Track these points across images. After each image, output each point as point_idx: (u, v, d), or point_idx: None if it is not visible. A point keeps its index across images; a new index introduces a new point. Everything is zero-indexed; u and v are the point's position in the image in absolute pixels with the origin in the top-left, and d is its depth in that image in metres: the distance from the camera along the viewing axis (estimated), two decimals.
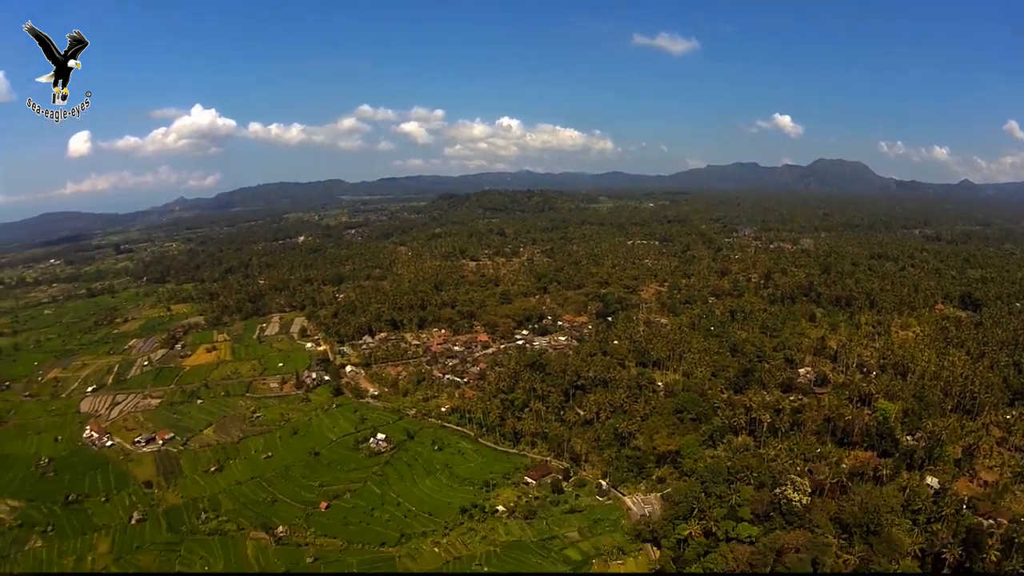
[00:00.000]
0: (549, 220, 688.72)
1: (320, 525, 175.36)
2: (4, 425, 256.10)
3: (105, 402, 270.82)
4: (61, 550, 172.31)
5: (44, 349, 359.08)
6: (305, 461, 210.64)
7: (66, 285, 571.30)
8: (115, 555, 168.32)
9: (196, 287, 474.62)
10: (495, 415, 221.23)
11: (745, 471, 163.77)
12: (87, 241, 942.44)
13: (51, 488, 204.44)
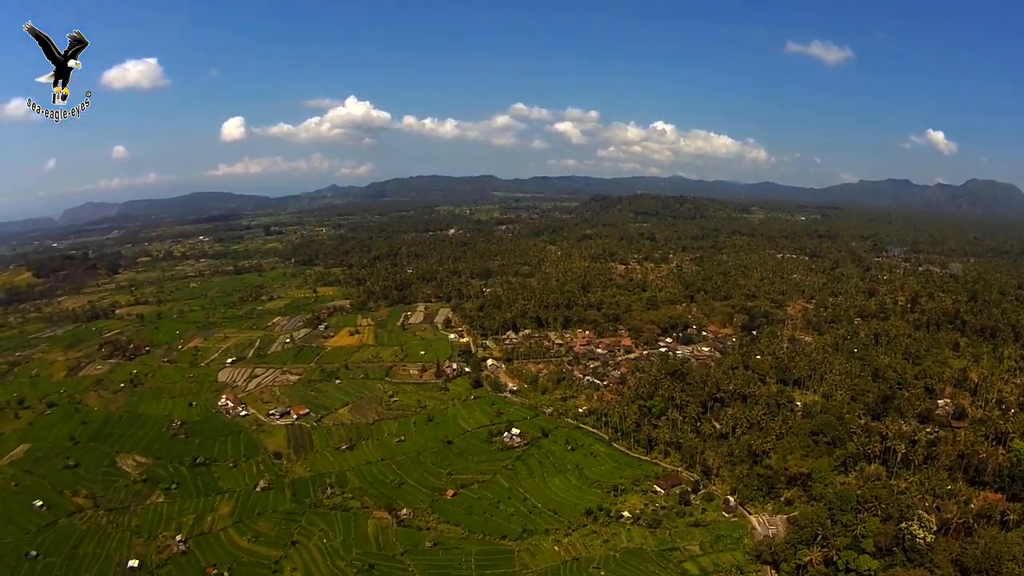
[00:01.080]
0: (700, 228, 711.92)
1: (444, 512, 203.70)
2: (141, 387, 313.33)
3: (243, 374, 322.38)
4: (182, 507, 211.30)
5: (187, 320, 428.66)
6: (437, 448, 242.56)
7: (213, 261, 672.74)
8: (235, 518, 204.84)
9: (344, 272, 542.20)
10: (631, 420, 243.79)
11: (873, 501, 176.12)
12: (237, 221, 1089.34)
13: (180, 449, 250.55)
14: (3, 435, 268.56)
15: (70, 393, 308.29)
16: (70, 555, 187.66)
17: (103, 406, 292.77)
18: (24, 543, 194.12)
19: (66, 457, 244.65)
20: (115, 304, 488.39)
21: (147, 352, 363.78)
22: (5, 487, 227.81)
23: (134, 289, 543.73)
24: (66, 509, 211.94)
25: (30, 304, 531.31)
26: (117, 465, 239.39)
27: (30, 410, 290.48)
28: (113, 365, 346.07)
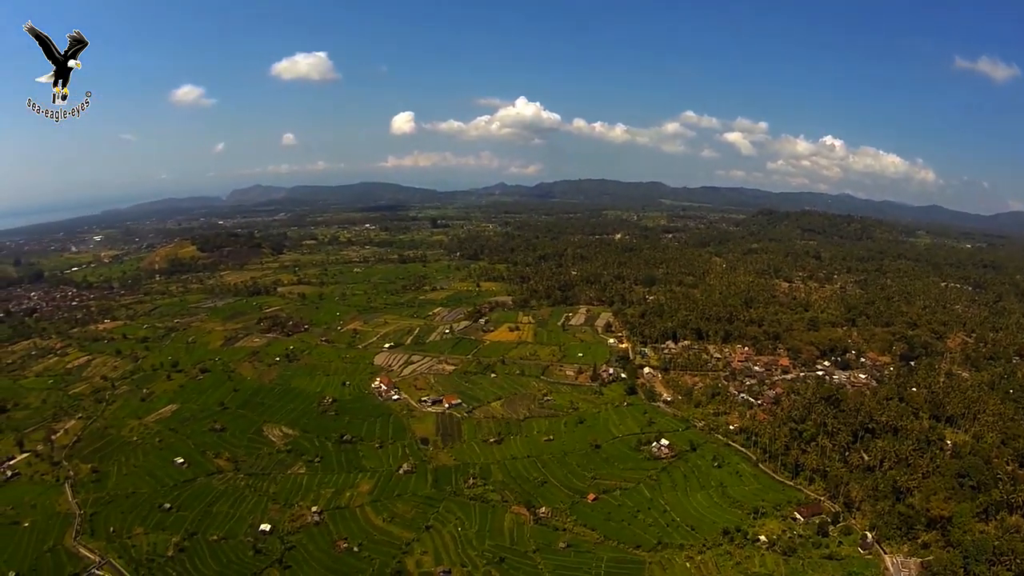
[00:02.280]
0: (865, 249, 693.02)
1: (582, 515, 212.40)
2: (296, 362, 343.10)
3: (400, 360, 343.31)
4: (322, 481, 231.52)
5: (348, 303, 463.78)
6: (584, 451, 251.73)
7: (378, 249, 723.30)
8: (374, 497, 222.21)
9: (508, 268, 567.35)
10: (781, 443, 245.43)
11: (1009, 554, 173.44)
12: (404, 212, 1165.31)
13: (328, 425, 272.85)
14: (154, 394, 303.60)
15: (224, 362, 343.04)
16: (204, 512, 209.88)
17: (256, 377, 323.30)
18: (160, 495, 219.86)
19: (213, 421, 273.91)
20: (277, 282, 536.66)
21: (305, 330, 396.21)
22: (150, 442, 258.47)
23: (297, 269, 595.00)
24: (206, 469, 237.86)
25: (192, 276, 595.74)
26: (263, 434, 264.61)
27: (183, 374, 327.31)
28: (270, 339, 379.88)
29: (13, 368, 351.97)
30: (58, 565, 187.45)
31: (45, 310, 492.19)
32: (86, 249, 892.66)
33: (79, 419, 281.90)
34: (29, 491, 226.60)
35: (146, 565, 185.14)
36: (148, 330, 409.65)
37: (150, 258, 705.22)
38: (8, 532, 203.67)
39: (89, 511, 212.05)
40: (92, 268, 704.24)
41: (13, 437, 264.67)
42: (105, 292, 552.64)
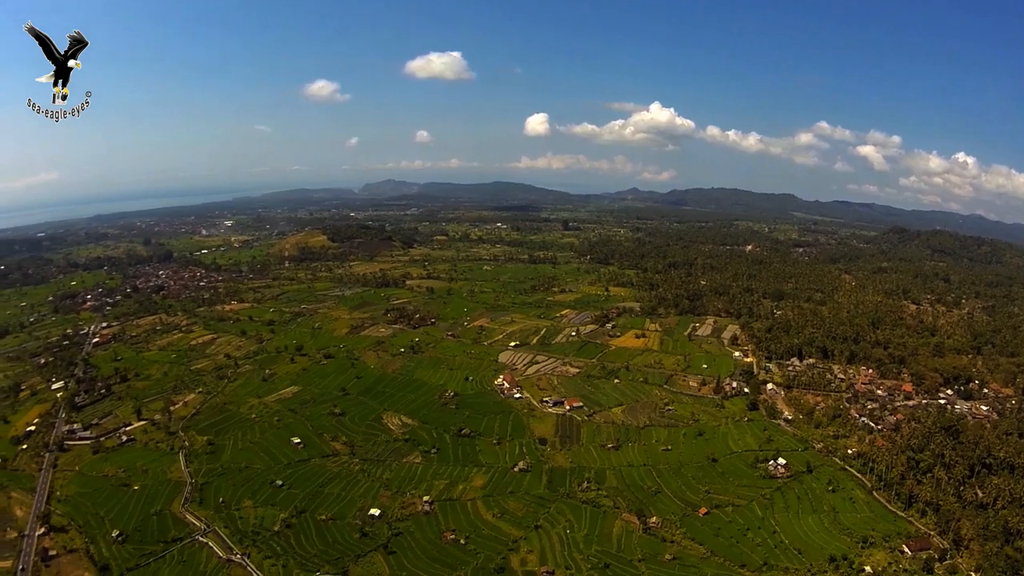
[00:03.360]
0: (995, 274, 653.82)
1: (692, 528, 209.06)
2: (420, 354, 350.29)
3: (524, 359, 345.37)
4: (436, 472, 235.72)
5: (476, 299, 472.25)
6: (700, 464, 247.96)
7: (509, 248, 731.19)
8: (486, 492, 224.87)
9: (637, 275, 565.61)
10: (897, 472, 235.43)
11: None
12: (536, 213, 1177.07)
13: (447, 418, 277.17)
14: (276, 375, 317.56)
15: (349, 349, 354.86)
16: (315, 491, 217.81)
17: (380, 366, 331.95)
18: (273, 472, 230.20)
19: (333, 405, 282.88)
20: (406, 275, 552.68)
21: (432, 324, 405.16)
22: (268, 421, 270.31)
23: (427, 264, 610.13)
24: (322, 451, 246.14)
25: (321, 264, 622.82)
26: (382, 421, 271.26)
27: (306, 357, 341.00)
28: (396, 331, 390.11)
29: (137, 341, 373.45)
30: (163, 528, 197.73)
31: (172, 288, 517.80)
32: (216, 233, 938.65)
33: (199, 393, 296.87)
34: (142, 456, 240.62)
35: (251, 537, 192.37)
36: (274, 314, 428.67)
37: (280, 245, 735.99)
38: (117, 493, 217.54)
39: (200, 481, 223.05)
40: (222, 251, 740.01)
41: (132, 405, 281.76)
42: (233, 275, 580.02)
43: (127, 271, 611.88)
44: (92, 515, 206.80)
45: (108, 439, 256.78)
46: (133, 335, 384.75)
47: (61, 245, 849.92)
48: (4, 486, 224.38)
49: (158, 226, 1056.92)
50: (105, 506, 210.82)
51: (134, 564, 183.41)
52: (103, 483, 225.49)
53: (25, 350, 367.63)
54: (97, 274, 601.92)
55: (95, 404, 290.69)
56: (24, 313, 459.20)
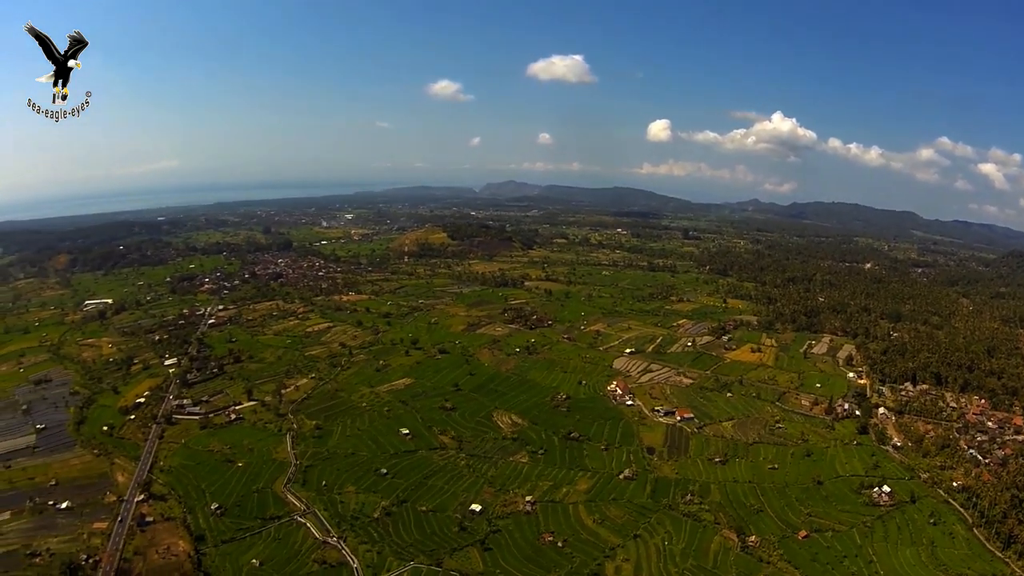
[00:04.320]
0: None
1: (790, 551, 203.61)
2: (535, 355, 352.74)
3: (638, 366, 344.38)
4: (542, 472, 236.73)
5: (594, 304, 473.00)
6: (805, 485, 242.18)
7: (628, 254, 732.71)
8: (590, 496, 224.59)
9: (756, 288, 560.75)
10: (1000, 509, 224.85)
11: None
12: (656, 220, 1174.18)
13: (557, 420, 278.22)
14: (390, 367, 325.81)
15: (464, 346, 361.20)
16: (418, 482, 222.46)
17: (494, 364, 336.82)
18: (379, 461, 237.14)
19: (444, 400, 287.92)
20: (525, 276, 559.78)
21: (548, 326, 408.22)
22: (378, 410, 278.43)
23: (546, 266, 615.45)
24: (429, 444, 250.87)
25: (440, 261, 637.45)
26: (492, 419, 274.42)
27: (421, 351, 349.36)
28: (512, 330, 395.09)
29: (253, 325, 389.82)
30: (262, 505, 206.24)
31: (291, 277, 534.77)
32: (337, 225, 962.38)
33: (311, 379, 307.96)
34: (249, 435, 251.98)
35: (349, 522, 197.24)
36: (392, 307, 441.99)
37: (400, 240, 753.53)
38: (221, 468, 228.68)
39: (305, 463, 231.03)
40: (341, 243, 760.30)
41: (243, 385, 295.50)
42: (352, 267, 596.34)
43: (246, 257, 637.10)
44: (193, 487, 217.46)
45: (217, 416, 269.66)
46: (249, 319, 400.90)
47: (180, 229, 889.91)
48: (109, 452, 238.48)
49: (278, 216, 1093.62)
50: (207, 479, 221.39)
51: (229, 537, 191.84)
52: (207, 457, 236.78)
53: (140, 326, 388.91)
54: (216, 259, 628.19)
55: (206, 382, 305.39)
56: (141, 292, 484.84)
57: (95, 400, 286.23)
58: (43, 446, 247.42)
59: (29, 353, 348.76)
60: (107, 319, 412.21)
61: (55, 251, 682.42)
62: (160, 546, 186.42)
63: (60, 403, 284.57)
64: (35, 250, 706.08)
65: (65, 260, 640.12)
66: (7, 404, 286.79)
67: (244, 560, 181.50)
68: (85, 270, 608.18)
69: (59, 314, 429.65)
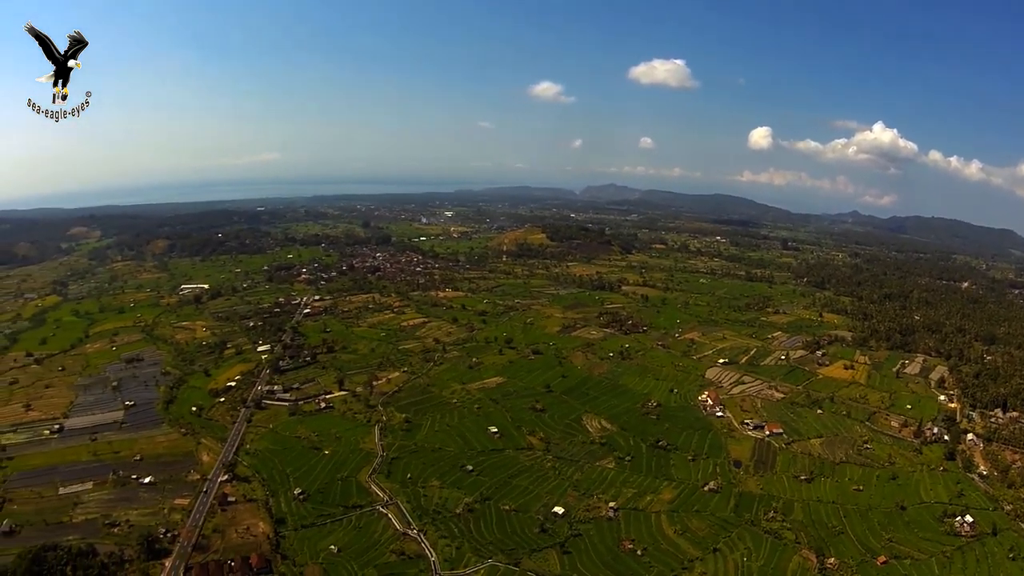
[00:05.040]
0: None
1: None
2: (628, 361, 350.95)
3: (731, 378, 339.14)
4: (627, 479, 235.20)
5: (689, 312, 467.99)
6: (888, 510, 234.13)
7: (726, 263, 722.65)
8: (673, 506, 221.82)
9: (852, 303, 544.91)
10: None
11: None
12: (755, 229, 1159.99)
13: (647, 428, 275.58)
14: (482, 365, 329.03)
15: (558, 347, 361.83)
16: (503, 481, 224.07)
17: (586, 368, 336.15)
18: (465, 457, 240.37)
19: (535, 401, 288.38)
20: (622, 280, 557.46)
21: (643, 331, 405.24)
22: (468, 407, 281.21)
23: (644, 271, 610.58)
24: (516, 443, 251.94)
25: (538, 262, 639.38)
26: (581, 422, 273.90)
27: (515, 351, 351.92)
28: (607, 334, 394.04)
29: (348, 316, 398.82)
30: (345, 493, 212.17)
31: (388, 271, 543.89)
32: (436, 222, 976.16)
33: (403, 372, 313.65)
34: (338, 424, 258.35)
35: (431, 515, 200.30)
36: (488, 305, 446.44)
37: (499, 239, 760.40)
38: (307, 454, 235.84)
39: (391, 455, 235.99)
40: (440, 240, 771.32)
41: (335, 375, 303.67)
42: (450, 264, 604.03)
43: (344, 250, 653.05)
44: (278, 471, 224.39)
45: (306, 404, 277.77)
46: (344, 310, 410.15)
47: (280, 220, 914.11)
48: (196, 432, 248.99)
49: (378, 210, 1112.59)
50: (292, 464, 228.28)
51: (310, 522, 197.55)
52: (294, 443, 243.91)
53: (235, 312, 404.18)
54: (314, 250, 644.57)
55: (298, 370, 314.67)
56: (238, 279, 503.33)
57: (186, 381, 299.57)
58: (130, 422, 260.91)
59: (123, 332, 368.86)
60: (202, 304, 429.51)
61: (153, 236, 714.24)
62: (240, 526, 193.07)
63: (150, 382, 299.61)
64: (133, 234, 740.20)
65: (163, 245, 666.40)
66: (98, 380, 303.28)
67: (322, 545, 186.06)
68: (182, 255, 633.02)
69: (155, 296, 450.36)
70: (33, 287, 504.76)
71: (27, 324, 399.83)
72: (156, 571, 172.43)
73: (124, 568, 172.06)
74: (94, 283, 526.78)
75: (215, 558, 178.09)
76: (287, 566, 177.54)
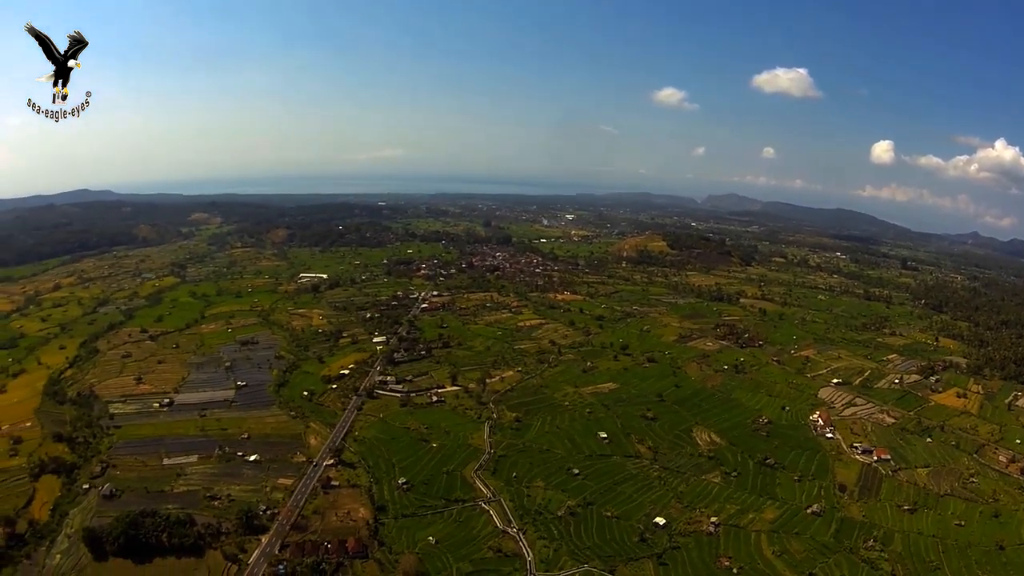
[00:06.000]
0: None
1: None
2: (742, 375, 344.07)
3: (843, 399, 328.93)
4: (731, 495, 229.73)
5: (806, 328, 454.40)
6: (987, 548, 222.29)
7: (845, 280, 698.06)
8: (774, 527, 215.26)
9: (968, 328, 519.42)
10: None
11: None
12: (875, 247, 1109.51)
13: (755, 444, 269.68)
14: (596, 369, 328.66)
15: (673, 357, 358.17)
16: (607, 487, 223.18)
17: (700, 379, 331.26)
18: (573, 460, 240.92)
19: (647, 409, 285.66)
20: (741, 293, 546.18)
21: (759, 346, 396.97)
22: (579, 411, 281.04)
23: (762, 285, 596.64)
24: (625, 451, 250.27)
25: (657, 269, 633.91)
26: (691, 434, 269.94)
27: (630, 358, 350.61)
28: (722, 347, 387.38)
29: (465, 313, 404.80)
30: (449, 487, 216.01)
31: (507, 271, 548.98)
32: (556, 225, 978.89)
33: (517, 372, 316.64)
34: (448, 419, 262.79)
35: (532, 516, 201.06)
36: (605, 310, 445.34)
37: (619, 245, 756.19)
38: (414, 446, 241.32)
39: (499, 452, 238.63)
40: (560, 243, 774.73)
41: (448, 370, 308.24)
42: (569, 267, 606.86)
43: (464, 248, 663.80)
44: (384, 459, 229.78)
45: (418, 396, 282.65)
46: (462, 307, 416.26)
47: (400, 215, 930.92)
48: (305, 416, 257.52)
49: (499, 210, 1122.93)
50: (399, 455, 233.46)
51: (411, 512, 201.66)
52: (403, 434, 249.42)
53: (352, 303, 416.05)
54: (434, 246, 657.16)
55: (412, 363, 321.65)
56: (356, 271, 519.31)
57: (299, 366, 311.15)
58: (241, 401, 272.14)
59: (239, 316, 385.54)
60: (320, 293, 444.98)
61: (274, 225, 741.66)
62: (340, 509, 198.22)
63: (263, 364, 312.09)
64: (254, 222, 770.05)
65: (283, 234, 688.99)
66: (211, 359, 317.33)
67: (421, 536, 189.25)
68: (302, 245, 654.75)
69: (272, 283, 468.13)
70: (151, 267, 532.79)
71: (143, 302, 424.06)
72: (252, 546, 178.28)
73: (220, 540, 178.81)
74: (212, 267, 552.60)
75: (312, 539, 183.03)
76: (383, 553, 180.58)
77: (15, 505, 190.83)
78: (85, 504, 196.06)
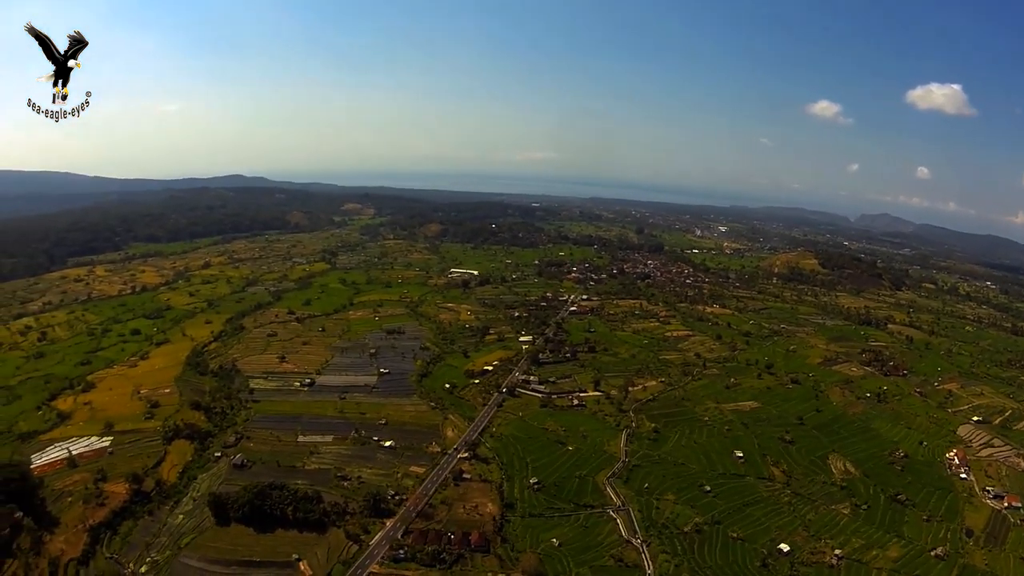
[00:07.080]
0: None
1: None
2: (883, 404, 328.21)
3: (981, 438, 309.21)
4: (858, 529, 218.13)
5: (952, 360, 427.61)
6: None
7: (993, 312, 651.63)
8: (896, 566, 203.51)
9: None
10: None
11: None
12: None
13: (889, 478, 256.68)
14: (739, 386, 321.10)
15: (816, 380, 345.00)
16: (737, 508, 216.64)
17: (842, 405, 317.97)
18: (705, 477, 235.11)
19: (785, 431, 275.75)
20: (889, 318, 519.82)
21: (903, 375, 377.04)
22: (718, 427, 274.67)
23: (911, 311, 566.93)
24: (759, 472, 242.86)
25: (807, 288, 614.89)
26: (826, 461, 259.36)
27: (773, 377, 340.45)
28: (867, 373, 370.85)
29: (614, 319, 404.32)
30: (580, 491, 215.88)
31: (658, 279, 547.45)
32: (709, 236, 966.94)
33: (660, 382, 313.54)
34: (586, 423, 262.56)
35: (658, 528, 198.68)
36: (753, 326, 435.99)
37: (771, 260, 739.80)
38: (550, 447, 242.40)
39: (633, 462, 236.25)
40: (712, 255, 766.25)
41: (592, 375, 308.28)
42: (720, 280, 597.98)
43: (616, 254, 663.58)
44: (518, 458, 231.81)
45: (559, 398, 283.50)
46: (610, 313, 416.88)
47: (554, 218, 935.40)
48: (445, 408, 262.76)
49: (652, 218, 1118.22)
50: (534, 454, 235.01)
51: (539, 512, 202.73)
52: (540, 434, 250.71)
53: (501, 301, 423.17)
54: (586, 250, 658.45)
55: (556, 364, 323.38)
56: (507, 269, 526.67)
57: (443, 359, 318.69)
58: (382, 388, 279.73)
59: (387, 305, 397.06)
60: (469, 289, 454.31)
61: (427, 219, 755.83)
62: (468, 502, 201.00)
63: (408, 354, 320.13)
64: (408, 215, 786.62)
65: (436, 229, 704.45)
66: (356, 345, 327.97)
67: (545, 537, 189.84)
68: (454, 240, 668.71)
69: (423, 276, 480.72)
70: (302, 252, 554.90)
71: (292, 285, 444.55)
72: (375, 528, 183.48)
73: (344, 519, 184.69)
74: (363, 256, 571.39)
75: (436, 528, 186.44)
76: (505, 549, 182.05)
77: (145, 464, 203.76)
78: (215, 471, 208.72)
